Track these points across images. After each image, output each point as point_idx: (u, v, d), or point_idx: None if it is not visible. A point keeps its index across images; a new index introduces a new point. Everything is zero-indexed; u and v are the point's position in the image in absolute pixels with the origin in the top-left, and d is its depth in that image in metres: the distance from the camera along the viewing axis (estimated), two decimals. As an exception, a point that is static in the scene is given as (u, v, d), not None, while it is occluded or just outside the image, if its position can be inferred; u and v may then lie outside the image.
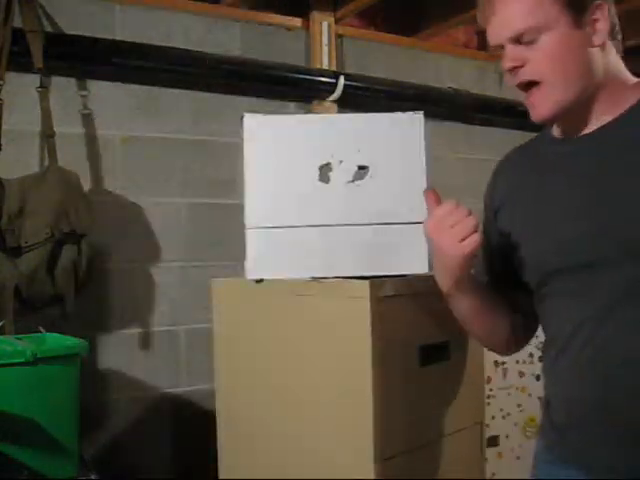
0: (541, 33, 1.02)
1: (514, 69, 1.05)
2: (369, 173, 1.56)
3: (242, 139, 1.61)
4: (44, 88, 1.99)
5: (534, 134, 1.25)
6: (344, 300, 1.50)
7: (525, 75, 1.04)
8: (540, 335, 2.62)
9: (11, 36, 1.93)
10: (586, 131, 1.08)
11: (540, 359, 2.47)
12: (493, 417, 2.35)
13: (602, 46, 1.04)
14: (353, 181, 1.57)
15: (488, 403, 2.29)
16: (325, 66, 2.58)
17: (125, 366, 2.23)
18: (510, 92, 3.25)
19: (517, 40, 1.03)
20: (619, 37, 1.09)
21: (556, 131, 1.15)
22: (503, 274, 1.24)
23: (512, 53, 1.04)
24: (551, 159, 1.13)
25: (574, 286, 1.07)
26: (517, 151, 1.26)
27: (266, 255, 1.59)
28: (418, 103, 2.52)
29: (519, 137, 2.95)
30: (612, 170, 1.03)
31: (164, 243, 2.31)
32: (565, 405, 1.10)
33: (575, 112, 1.07)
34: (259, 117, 1.62)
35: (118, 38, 2.23)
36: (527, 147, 1.24)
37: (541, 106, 1.05)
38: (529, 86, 1.05)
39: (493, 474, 2.34)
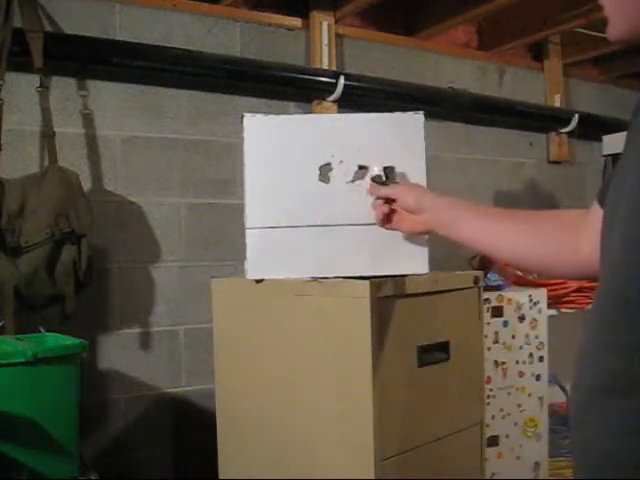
0: None
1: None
2: (369, 173, 1.56)
3: (242, 139, 1.61)
4: (44, 88, 1.99)
5: (534, 134, 1.22)
6: (344, 300, 1.50)
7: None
8: (540, 335, 2.62)
9: (11, 36, 1.92)
10: None
11: (540, 359, 2.49)
12: (493, 417, 2.35)
13: None
14: (353, 181, 1.58)
15: (488, 403, 2.28)
16: (325, 66, 2.58)
17: (125, 366, 2.22)
18: (510, 92, 3.27)
19: None
20: None
21: None
22: None
23: None
24: (633, 128, 1.01)
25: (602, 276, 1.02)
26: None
27: (266, 255, 1.59)
28: (418, 103, 2.52)
29: (519, 137, 2.99)
30: None
31: (164, 243, 2.31)
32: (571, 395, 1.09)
33: None
34: (259, 117, 1.62)
35: (118, 38, 2.22)
36: None
37: (608, 31, 0.99)
38: None
39: (493, 474, 2.34)
